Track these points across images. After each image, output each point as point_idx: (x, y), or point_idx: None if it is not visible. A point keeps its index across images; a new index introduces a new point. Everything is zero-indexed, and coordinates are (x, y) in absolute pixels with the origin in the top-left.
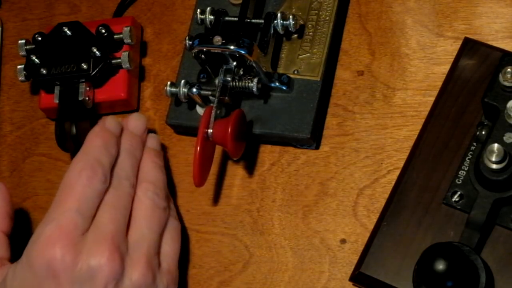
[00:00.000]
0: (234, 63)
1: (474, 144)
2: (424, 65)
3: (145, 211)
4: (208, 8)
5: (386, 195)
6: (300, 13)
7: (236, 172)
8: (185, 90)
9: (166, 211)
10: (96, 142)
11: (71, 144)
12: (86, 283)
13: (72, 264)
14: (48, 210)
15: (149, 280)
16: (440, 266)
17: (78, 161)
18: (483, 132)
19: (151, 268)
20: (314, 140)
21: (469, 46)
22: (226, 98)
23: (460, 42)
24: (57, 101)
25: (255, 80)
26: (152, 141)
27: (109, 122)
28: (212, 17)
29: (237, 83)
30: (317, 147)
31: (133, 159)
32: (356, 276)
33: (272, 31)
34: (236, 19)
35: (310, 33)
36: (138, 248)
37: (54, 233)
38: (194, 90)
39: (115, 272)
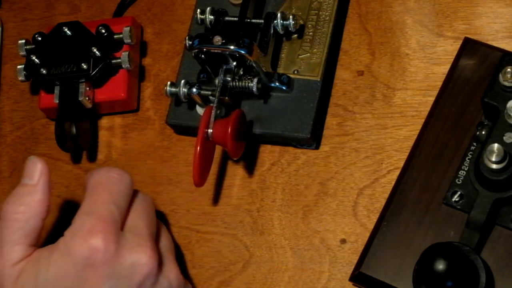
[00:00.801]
0: (234, 63)
1: (474, 144)
2: (424, 65)
3: (153, 218)
4: (208, 8)
5: (386, 195)
6: (300, 13)
7: (236, 172)
8: (185, 90)
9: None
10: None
11: (71, 144)
12: (123, 278)
13: (114, 256)
14: (83, 204)
15: (182, 281)
16: (440, 266)
17: (102, 169)
18: (483, 132)
19: (178, 268)
20: (314, 140)
21: (469, 46)
22: (226, 98)
23: (460, 42)
24: (57, 101)
25: (255, 80)
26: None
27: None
28: (212, 17)
29: (237, 83)
30: (317, 147)
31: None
32: (356, 276)
33: (272, 31)
34: (236, 19)
35: (310, 33)
36: (168, 252)
37: (96, 223)
38: (194, 90)
39: (155, 271)
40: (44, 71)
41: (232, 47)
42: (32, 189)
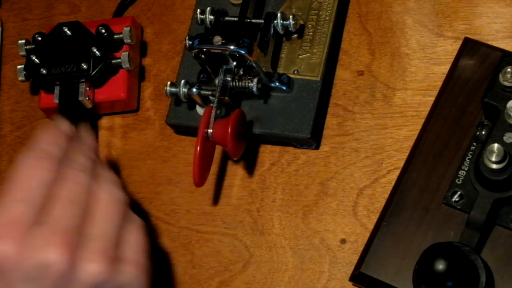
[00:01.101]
0: (234, 63)
1: (474, 144)
2: (424, 65)
3: (103, 204)
4: (208, 8)
5: (386, 195)
6: (300, 13)
7: (236, 172)
8: (185, 90)
9: (125, 204)
10: (42, 135)
11: None
12: (36, 280)
13: (19, 259)
14: None
15: (108, 272)
16: (440, 266)
17: (22, 155)
18: (483, 132)
19: (109, 259)
20: (314, 140)
21: (469, 46)
22: (226, 98)
23: (460, 42)
24: (57, 101)
25: (255, 80)
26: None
27: (60, 122)
28: (212, 17)
29: (237, 83)
30: (317, 147)
31: (87, 154)
32: (356, 276)
33: (272, 31)
34: (236, 19)
35: (310, 33)
36: (94, 241)
37: (2, 225)
38: (194, 90)
39: (65, 267)
40: (44, 71)
41: (232, 47)
42: None
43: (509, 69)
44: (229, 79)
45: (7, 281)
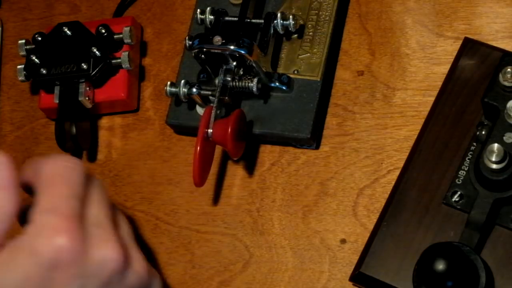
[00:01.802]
0: (234, 63)
1: (474, 144)
2: (424, 65)
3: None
4: (208, 8)
5: (386, 195)
6: (300, 13)
7: (236, 172)
8: (185, 90)
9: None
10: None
11: (71, 144)
12: (92, 276)
13: (81, 255)
14: (41, 198)
15: (147, 270)
16: (440, 266)
17: (50, 157)
18: (483, 132)
19: (145, 258)
20: (314, 140)
21: (469, 46)
22: (226, 98)
23: (460, 42)
24: (57, 101)
25: (255, 80)
26: None
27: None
28: (212, 17)
29: (237, 83)
30: (317, 147)
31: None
32: (356, 276)
33: (272, 31)
34: (236, 19)
35: (310, 33)
36: (129, 239)
37: (60, 221)
38: (194, 90)
39: (122, 265)
40: (44, 71)
41: (232, 47)
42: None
43: (509, 69)
44: (229, 79)
45: (64, 275)
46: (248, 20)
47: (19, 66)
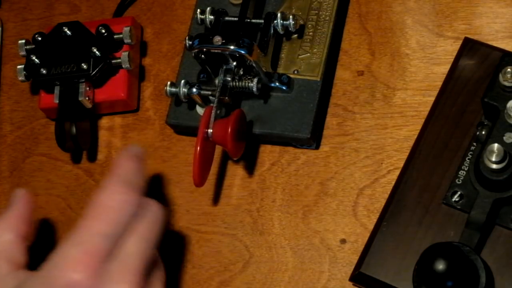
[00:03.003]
0: (234, 63)
1: (474, 144)
2: (424, 65)
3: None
4: (208, 8)
5: (386, 195)
6: (300, 13)
7: (236, 172)
8: (185, 90)
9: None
10: (128, 165)
11: (71, 144)
12: None
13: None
14: (75, 229)
15: None
16: (440, 266)
17: (111, 182)
18: (483, 132)
19: None
20: (314, 140)
21: (469, 46)
22: (226, 98)
23: (460, 42)
24: (57, 101)
25: (255, 80)
26: None
27: (135, 148)
28: (212, 17)
29: (237, 83)
30: (317, 147)
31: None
32: (356, 276)
33: (272, 31)
34: (236, 19)
35: (310, 33)
36: (158, 285)
37: (81, 257)
38: (194, 90)
39: None
40: (44, 71)
41: (232, 47)
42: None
43: (509, 69)
44: (229, 79)
45: None
46: (248, 20)
47: (19, 66)
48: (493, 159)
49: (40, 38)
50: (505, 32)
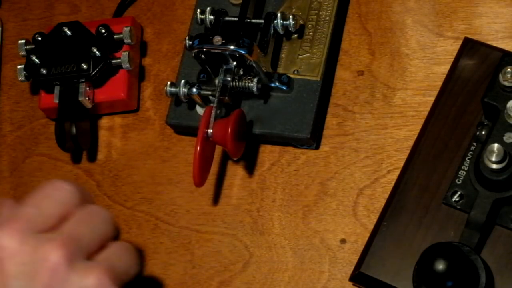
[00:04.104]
0: (234, 63)
1: (474, 144)
2: (424, 65)
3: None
4: (208, 8)
5: (386, 195)
6: (300, 13)
7: (236, 172)
8: (185, 90)
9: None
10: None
11: (71, 144)
12: (29, 276)
13: (17, 251)
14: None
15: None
16: (440, 266)
17: (53, 179)
18: (483, 132)
19: (108, 277)
20: (314, 140)
21: (469, 46)
22: (226, 98)
23: (460, 42)
24: (57, 101)
25: (255, 80)
26: None
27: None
28: (212, 17)
29: (237, 83)
30: (317, 147)
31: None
32: (356, 276)
33: (272, 31)
34: (236, 19)
35: (310, 33)
36: (100, 262)
37: (4, 226)
38: (194, 90)
39: (61, 267)
40: (44, 71)
41: (232, 47)
42: None
43: (509, 69)
44: (229, 79)
45: (3, 273)
46: (248, 20)
47: (19, 66)
48: (493, 159)
49: (40, 38)
50: (505, 32)
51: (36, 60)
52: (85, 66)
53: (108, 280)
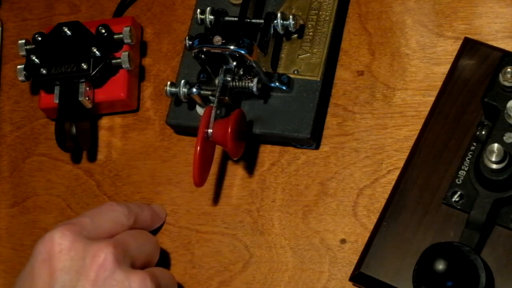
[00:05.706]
0: (234, 63)
1: (474, 144)
2: (424, 65)
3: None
4: (208, 8)
5: (386, 195)
6: (300, 13)
7: (236, 172)
8: (185, 90)
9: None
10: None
11: (71, 144)
12: (77, 272)
13: (69, 248)
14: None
15: None
16: (440, 266)
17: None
18: (483, 132)
19: (151, 281)
20: (314, 140)
21: (469, 46)
22: (226, 98)
23: (460, 42)
24: (57, 101)
25: (255, 80)
26: None
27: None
28: (212, 17)
29: (237, 83)
30: (317, 147)
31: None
32: (356, 276)
33: (272, 31)
34: (236, 19)
35: (310, 33)
36: (145, 270)
37: (59, 227)
38: (194, 90)
39: (112, 265)
40: (44, 71)
41: (232, 47)
42: None
43: (509, 69)
44: (229, 79)
45: (52, 267)
46: (248, 20)
47: (19, 66)
48: (493, 159)
49: (40, 38)
50: (505, 32)
51: (36, 60)
52: (85, 66)
53: (151, 285)
